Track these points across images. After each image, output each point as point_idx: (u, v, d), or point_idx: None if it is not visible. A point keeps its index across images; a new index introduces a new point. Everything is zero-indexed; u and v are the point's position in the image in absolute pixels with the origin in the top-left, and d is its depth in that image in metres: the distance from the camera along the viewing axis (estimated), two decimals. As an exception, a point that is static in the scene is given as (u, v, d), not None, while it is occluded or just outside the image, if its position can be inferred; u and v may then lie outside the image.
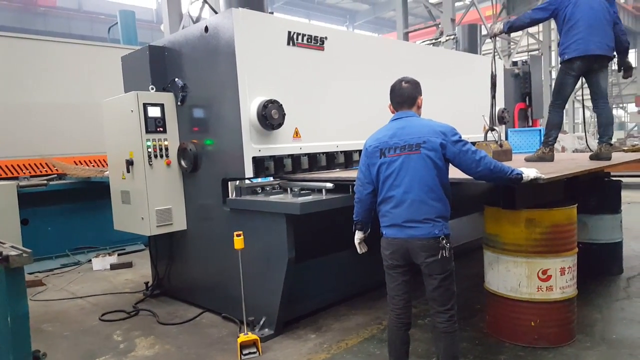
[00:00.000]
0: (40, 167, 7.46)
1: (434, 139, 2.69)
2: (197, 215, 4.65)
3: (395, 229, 2.77)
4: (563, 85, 4.47)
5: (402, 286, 2.85)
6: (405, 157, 2.72)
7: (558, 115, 4.57)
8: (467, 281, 5.05)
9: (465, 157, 2.69)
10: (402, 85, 2.91)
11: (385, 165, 2.78)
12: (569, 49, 4.29)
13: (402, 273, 2.83)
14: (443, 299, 2.76)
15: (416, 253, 2.73)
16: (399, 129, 2.80)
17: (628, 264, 5.44)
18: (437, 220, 2.71)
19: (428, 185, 2.70)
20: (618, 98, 35.13)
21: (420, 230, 2.69)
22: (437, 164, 2.70)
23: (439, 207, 2.73)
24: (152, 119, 4.46)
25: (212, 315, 4.55)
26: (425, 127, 2.76)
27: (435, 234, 2.70)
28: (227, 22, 3.96)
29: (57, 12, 25.26)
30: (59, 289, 5.79)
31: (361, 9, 37.71)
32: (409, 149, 2.72)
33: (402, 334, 2.88)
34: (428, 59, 6.02)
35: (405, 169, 2.71)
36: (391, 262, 2.83)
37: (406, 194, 2.71)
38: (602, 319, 4.03)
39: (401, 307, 2.85)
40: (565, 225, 3.51)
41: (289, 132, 4.35)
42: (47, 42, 7.71)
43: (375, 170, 2.83)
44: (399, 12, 14.37)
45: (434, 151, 2.69)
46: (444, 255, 2.70)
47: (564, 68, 4.42)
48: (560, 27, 4.38)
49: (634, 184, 12.64)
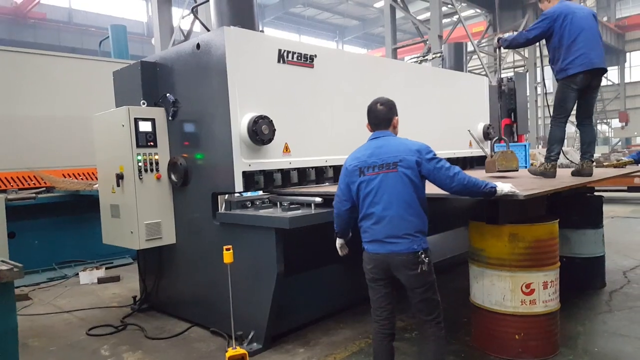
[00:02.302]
0: (29, 179, 7.41)
1: (410, 157, 2.81)
2: (186, 229, 4.67)
3: (376, 244, 2.87)
4: (565, 100, 4.40)
5: (384, 298, 2.94)
6: (383, 175, 2.84)
7: (560, 130, 4.49)
8: (453, 295, 5.11)
9: (440, 174, 2.81)
10: (378, 108, 3.04)
11: (365, 183, 2.90)
12: (572, 64, 4.26)
13: (383, 285, 2.93)
14: (428, 309, 2.87)
15: (397, 268, 2.83)
16: (376, 148, 2.93)
17: (610, 277, 5.55)
18: (416, 235, 2.81)
19: (406, 202, 2.80)
20: (602, 114, 35.83)
21: (400, 246, 2.79)
22: (413, 181, 2.81)
23: (417, 223, 2.83)
24: (143, 134, 4.51)
25: (201, 329, 4.55)
26: (401, 145, 2.89)
27: (414, 249, 2.78)
28: (218, 40, 4.03)
29: (47, 24, 25.26)
30: (46, 303, 5.75)
31: (350, 24, 38.24)
32: (386, 168, 2.84)
33: (385, 344, 2.96)
34: (415, 76, 6.15)
35: (384, 186, 2.83)
36: (373, 276, 2.93)
37: (385, 210, 2.81)
38: (585, 332, 4.11)
39: (384, 318, 2.94)
40: (547, 240, 3.60)
41: (279, 147, 4.42)
42: (36, 56, 7.73)
43: (355, 188, 2.95)
44: (387, 28, 14.60)
45: (410, 169, 2.81)
46: (423, 269, 2.79)
47: (566, 82, 4.35)
48: (555, 44, 4.37)
49: (617, 198, 12.90)
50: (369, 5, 34.00)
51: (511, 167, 4.61)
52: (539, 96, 21.93)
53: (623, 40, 34.97)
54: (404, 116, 5.59)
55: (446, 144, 6.51)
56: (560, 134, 4.50)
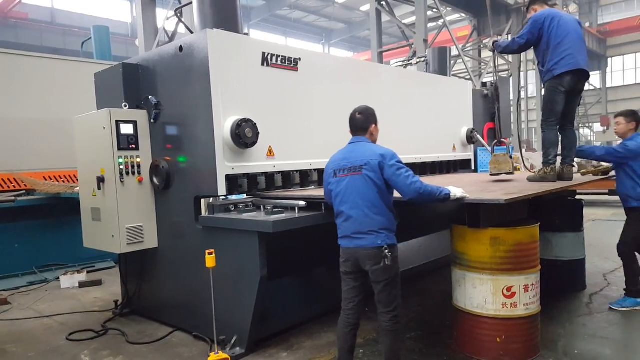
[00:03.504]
0: (9, 182, 7.29)
1: (374, 161, 3.07)
2: (169, 233, 4.63)
3: (346, 239, 3.16)
4: (553, 102, 4.40)
5: (353, 290, 3.22)
6: (350, 177, 3.14)
7: (553, 133, 4.49)
8: (437, 297, 5.14)
9: (398, 180, 3.03)
10: (356, 116, 3.31)
11: (336, 184, 3.22)
12: (558, 65, 4.30)
13: (353, 279, 3.20)
14: (387, 301, 3.12)
15: (363, 261, 3.09)
16: (349, 153, 3.23)
17: (591, 280, 5.63)
18: (380, 231, 3.06)
19: (370, 201, 3.06)
20: (584, 118, 36.41)
21: (365, 241, 3.06)
22: (376, 183, 3.06)
23: (381, 220, 3.07)
24: (125, 136, 4.46)
25: (183, 334, 4.51)
26: (368, 151, 3.15)
27: (378, 244, 3.03)
28: (201, 43, 4.01)
29: (29, 25, 24.86)
30: (25, 308, 5.65)
31: (337, 27, 38.36)
32: (353, 170, 3.13)
33: (348, 331, 3.23)
34: (400, 81, 6.18)
35: (352, 187, 3.11)
36: (345, 269, 3.21)
37: (352, 209, 3.10)
38: (565, 334, 4.16)
39: (350, 309, 3.23)
40: (528, 243, 3.64)
41: (263, 150, 4.40)
42: (16, 56, 7.61)
43: (329, 188, 3.29)
44: (373, 31, 14.64)
45: (373, 172, 3.06)
46: (386, 263, 3.03)
47: (554, 84, 4.37)
48: (543, 47, 4.40)
49: (599, 201, 13.10)
50: (355, 8, 34.16)
51: (504, 171, 4.64)
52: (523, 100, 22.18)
53: (605, 45, 35.61)
54: (388, 120, 5.67)
55: (430, 147, 6.56)
56: (554, 137, 4.50)
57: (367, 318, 4.19)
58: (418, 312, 4.88)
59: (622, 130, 4.87)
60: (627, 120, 4.83)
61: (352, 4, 33.44)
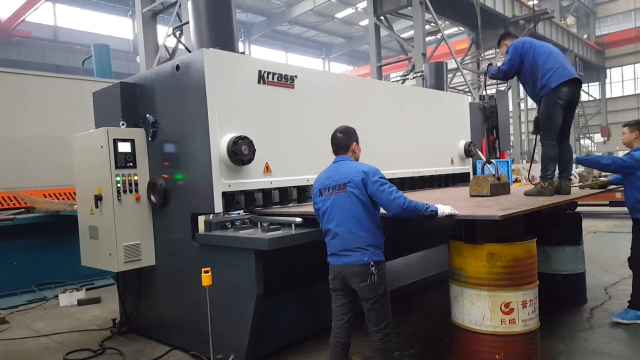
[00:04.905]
0: (8, 200, 7.31)
1: (357, 178, 3.11)
2: (166, 251, 4.62)
3: (334, 257, 3.19)
4: (551, 117, 4.40)
5: (341, 307, 3.23)
6: (335, 195, 3.17)
7: (552, 147, 4.48)
8: (437, 312, 5.11)
9: (382, 196, 3.05)
10: (337, 135, 3.40)
11: (322, 202, 3.25)
12: (553, 77, 4.31)
13: (342, 296, 3.21)
14: (376, 320, 3.11)
15: (351, 278, 3.10)
16: (333, 171, 3.28)
17: (592, 294, 5.58)
18: (367, 248, 3.07)
19: (355, 218, 3.09)
20: (585, 129, 36.46)
21: (352, 258, 3.08)
22: (361, 199, 3.09)
23: (367, 237, 3.09)
24: (122, 154, 4.48)
25: (181, 353, 4.48)
26: (352, 168, 3.19)
27: (365, 261, 3.04)
28: (198, 62, 4.05)
29: (31, 42, 25.07)
30: (23, 327, 5.62)
31: (336, 42, 38.65)
32: (338, 188, 3.16)
33: (338, 351, 3.20)
34: (397, 96, 6.21)
35: (337, 205, 3.15)
36: (333, 286, 3.23)
37: (338, 227, 3.13)
38: (566, 350, 4.12)
39: (339, 327, 3.22)
40: (525, 258, 3.61)
41: (259, 167, 4.41)
42: (17, 75, 7.68)
43: (317, 207, 3.32)
44: (372, 46, 14.78)
45: (357, 189, 3.09)
46: (373, 280, 3.03)
47: (551, 98, 4.36)
48: (528, 68, 4.46)
49: (599, 212, 13.03)
50: (354, 23, 34.44)
51: (482, 193, 4.67)
52: (522, 112, 22.23)
53: (603, 57, 35.80)
54: (385, 134, 5.69)
55: (428, 161, 6.57)
56: (553, 152, 4.50)
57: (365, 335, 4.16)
58: (417, 327, 4.84)
59: (627, 139, 4.87)
60: (631, 129, 4.83)
61: (351, 19, 33.73)
